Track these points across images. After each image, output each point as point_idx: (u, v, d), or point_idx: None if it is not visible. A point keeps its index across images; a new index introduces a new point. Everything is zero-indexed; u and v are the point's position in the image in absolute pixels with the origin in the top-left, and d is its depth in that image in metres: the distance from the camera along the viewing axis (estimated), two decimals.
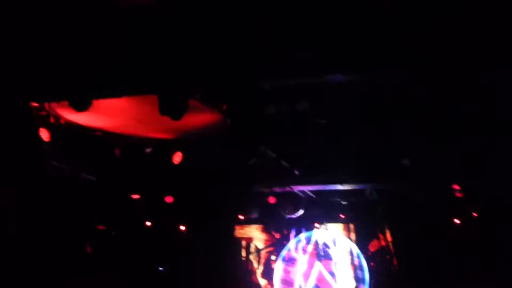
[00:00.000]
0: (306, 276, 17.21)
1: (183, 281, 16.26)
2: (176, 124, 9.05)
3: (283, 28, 8.11)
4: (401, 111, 10.40)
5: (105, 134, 11.31)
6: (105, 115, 10.18)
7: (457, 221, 15.19)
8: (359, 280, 16.32)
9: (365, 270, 16.34)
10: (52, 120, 10.50)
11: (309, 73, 8.57)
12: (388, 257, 16.72)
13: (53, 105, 9.86)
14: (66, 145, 12.14)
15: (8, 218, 11.30)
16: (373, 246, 16.95)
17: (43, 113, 10.28)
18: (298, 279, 17.26)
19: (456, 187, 12.88)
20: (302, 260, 17.30)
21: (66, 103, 8.71)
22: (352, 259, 16.51)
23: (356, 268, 16.45)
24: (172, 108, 8.46)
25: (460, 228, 15.11)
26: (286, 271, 17.53)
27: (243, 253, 18.17)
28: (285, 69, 8.39)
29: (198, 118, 9.88)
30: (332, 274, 16.78)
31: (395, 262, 16.54)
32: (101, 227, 15.22)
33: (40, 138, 10.59)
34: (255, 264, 17.86)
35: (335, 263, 16.71)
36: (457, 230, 15.23)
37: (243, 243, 18.14)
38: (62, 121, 10.64)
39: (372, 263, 16.61)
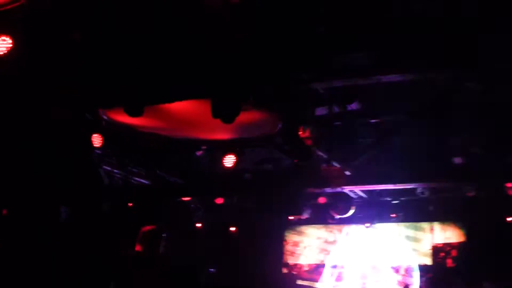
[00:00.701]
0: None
1: (234, 283, 16.33)
2: (229, 127, 9.10)
3: (335, 30, 8.13)
4: (452, 109, 10.37)
5: (158, 137, 11.37)
6: (158, 118, 10.25)
7: (509, 219, 15.08)
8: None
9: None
10: (104, 124, 10.59)
11: (361, 74, 8.57)
12: (443, 254, 16.70)
13: (107, 110, 9.97)
14: (118, 149, 12.31)
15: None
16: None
17: (96, 118, 10.39)
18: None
19: (510, 185, 12.75)
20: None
21: (120, 108, 8.81)
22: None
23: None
24: (224, 111, 8.50)
25: None
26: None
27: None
28: (338, 71, 8.40)
29: (251, 120, 9.90)
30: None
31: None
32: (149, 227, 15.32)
33: (92, 144, 10.73)
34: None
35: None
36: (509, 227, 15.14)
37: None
38: (114, 125, 10.74)
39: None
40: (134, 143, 11.78)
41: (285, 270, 18.30)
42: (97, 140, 10.75)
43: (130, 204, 14.20)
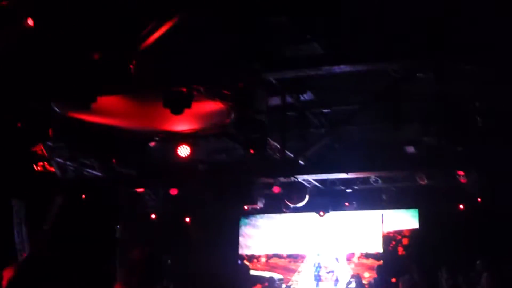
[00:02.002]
0: None
1: (188, 273, 16.31)
2: (183, 117, 9.07)
3: (285, 21, 8.15)
4: (404, 99, 10.45)
5: (110, 128, 11.30)
6: (109, 110, 10.18)
7: (461, 206, 15.26)
8: None
9: None
10: (56, 117, 10.48)
11: (312, 65, 8.60)
12: (394, 243, 16.88)
13: (58, 103, 9.86)
14: (71, 142, 12.21)
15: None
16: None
17: (48, 111, 10.27)
18: None
19: (461, 173, 12.90)
20: None
21: (70, 101, 8.73)
22: None
23: None
24: (174, 102, 8.48)
25: (465, 213, 15.19)
26: None
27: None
28: (291, 62, 8.42)
29: (204, 111, 9.89)
30: None
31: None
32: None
33: (45, 136, 10.61)
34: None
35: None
36: (461, 215, 15.31)
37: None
38: (66, 118, 10.64)
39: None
40: (86, 135, 11.68)
41: (240, 260, 18.36)
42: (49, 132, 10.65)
43: (84, 196, 14.08)
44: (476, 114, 11.05)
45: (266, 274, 18.20)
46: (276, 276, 18.09)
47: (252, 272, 18.29)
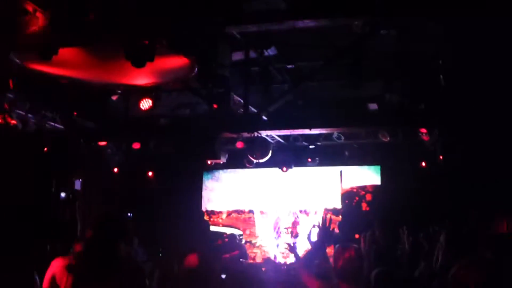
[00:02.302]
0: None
1: (150, 228, 16.30)
2: (145, 71, 8.99)
3: None
4: (368, 56, 10.45)
5: (71, 81, 11.16)
6: (71, 62, 10.05)
7: (423, 164, 15.40)
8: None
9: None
10: (17, 69, 10.33)
11: (276, 19, 8.56)
12: (357, 198, 17.00)
13: (19, 54, 9.71)
14: (32, 94, 12.06)
15: None
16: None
17: (8, 62, 10.12)
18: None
19: (423, 130, 12.98)
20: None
21: (32, 52, 8.61)
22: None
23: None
24: (136, 55, 8.39)
25: (427, 170, 15.34)
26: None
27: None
28: (254, 16, 8.37)
29: (166, 65, 9.80)
30: None
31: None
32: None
33: (4, 87, 10.49)
34: None
35: None
36: (423, 172, 15.45)
37: None
38: (27, 69, 10.49)
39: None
40: (48, 88, 11.54)
41: (202, 216, 18.43)
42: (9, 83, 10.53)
43: (45, 149, 13.96)
44: (439, 72, 11.09)
45: (227, 230, 18.29)
46: (237, 232, 18.18)
47: (213, 228, 18.36)
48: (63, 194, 15.35)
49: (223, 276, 6.89)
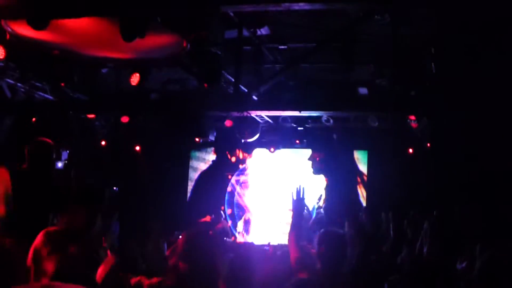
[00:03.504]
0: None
1: (137, 202, 16.27)
2: (137, 45, 8.97)
3: None
4: (360, 40, 10.46)
5: (63, 52, 11.11)
6: (64, 33, 10.01)
7: (411, 150, 15.42)
8: None
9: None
10: (8, 37, 10.27)
11: (274, 0, 8.53)
12: None
13: (10, 22, 9.65)
14: (22, 63, 12.01)
15: None
16: None
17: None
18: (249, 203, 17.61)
19: (412, 117, 13.02)
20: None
21: (24, 20, 8.57)
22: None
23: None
24: (127, 29, 8.36)
25: (414, 158, 15.37)
26: (240, 195, 17.80)
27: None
28: None
29: (158, 40, 9.77)
30: None
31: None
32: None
33: None
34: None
35: None
36: (410, 159, 15.48)
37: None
38: (19, 37, 10.43)
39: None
40: (38, 57, 11.49)
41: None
42: (0, 51, 10.49)
43: (34, 119, 13.93)
44: (430, 60, 11.11)
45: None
46: None
47: None
48: (59, 164, 15.32)
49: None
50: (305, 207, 15.59)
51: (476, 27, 9.62)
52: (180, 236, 5.55)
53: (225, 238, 15.17)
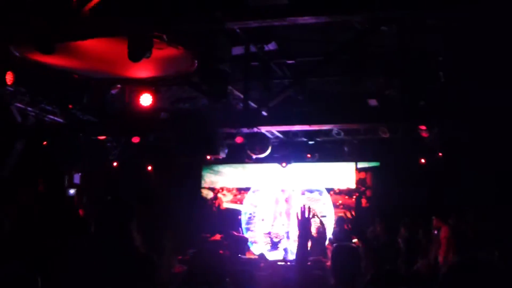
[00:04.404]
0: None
1: (149, 222, 16.22)
2: (146, 65, 9.00)
3: None
4: (368, 52, 10.46)
5: (72, 74, 11.16)
6: (71, 55, 10.05)
7: (423, 160, 15.39)
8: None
9: None
10: (16, 61, 10.33)
11: (276, 15, 8.54)
12: (357, 194, 17.04)
13: (18, 47, 9.70)
14: (32, 87, 12.07)
15: None
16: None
17: (8, 54, 10.11)
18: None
19: (423, 127, 12.98)
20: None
21: (31, 45, 8.61)
22: None
23: None
24: (133, 49, 8.38)
25: (427, 167, 15.33)
26: None
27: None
28: (255, 12, 8.36)
29: (167, 58, 9.80)
30: None
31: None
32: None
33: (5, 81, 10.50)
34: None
35: None
36: (423, 168, 15.45)
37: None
38: (27, 61, 10.48)
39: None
40: (47, 81, 11.54)
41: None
42: (8, 77, 10.53)
43: (45, 143, 13.97)
44: (439, 69, 11.09)
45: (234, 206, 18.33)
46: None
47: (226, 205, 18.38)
48: (72, 191, 15.39)
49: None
50: (320, 222, 15.59)
51: (484, 33, 9.59)
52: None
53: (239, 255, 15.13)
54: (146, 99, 11.40)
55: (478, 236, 12.43)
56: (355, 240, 13.44)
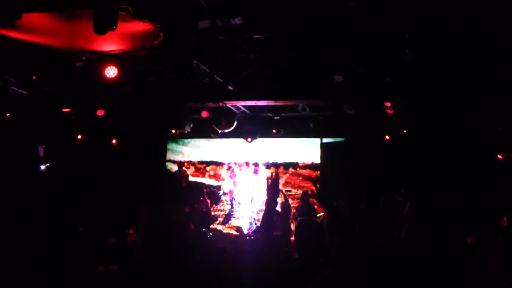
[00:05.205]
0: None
1: (113, 197, 16.17)
2: (111, 38, 8.94)
3: None
4: (334, 28, 10.44)
5: (37, 47, 11.04)
6: (36, 27, 9.95)
7: (387, 137, 15.43)
8: None
9: None
10: None
11: None
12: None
13: None
14: None
15: None
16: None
17: None
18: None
19: (388, 104, 13.03)
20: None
21: None
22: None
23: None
24: (98, 22, 8.31)
25: (391, 144, 15.39)
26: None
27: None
28: None
29: (133, 32, 9.74)
30: None
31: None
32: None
33: None
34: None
35: None
36: (387, 145, 15.51)
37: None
38: None
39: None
40: (12, 52, 11.42)
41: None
42: None
43: (8, 115, 13.84)
44: (405, 45, 11.11)
45: (207, 181, 18.27)
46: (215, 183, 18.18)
47: (195, 179, 18.29)
48: (42, 167, 15.29)
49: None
50: (284, 196, 15.65)
51: (447, 15, 9.62)
52: None
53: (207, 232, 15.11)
54: (111, 72, 11.31)
55: (440, 213, 12.55)
56: (320, 215, 13.63)
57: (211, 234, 14.90)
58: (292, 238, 6.76)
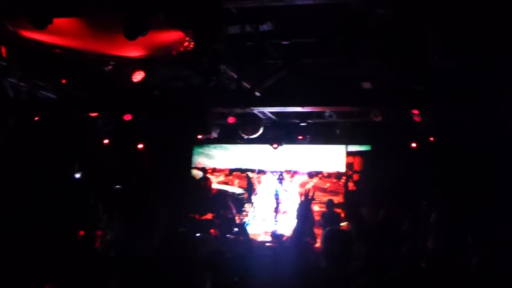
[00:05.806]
0: None
1: (140, 200, 16.21)
2: (140, 43, 8.96)
3: None
4: (363, 35, 10.42)
5: (65, 51, 11.10)
6: (66, 31, 10.00)
7: (414, 144, 15.35)
8: None
9: None
10: (10, 37, 10.27)
11: None
12: (344, 178, 17.01)
13: (12, 22, 9.64)
14: (25, 62, 11.99)
15: None
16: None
17: (1, 29, 10.05)
18: None
19: (415, 111, 12.98)
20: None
21: (26, 20, 8.55)
22: None
23: None
24: (129, 28, 8.34)
25: (417, 152, 15.31)
26: None
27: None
28: None
29: (162, 38, 9.77)
30: None
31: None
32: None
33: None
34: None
35: None
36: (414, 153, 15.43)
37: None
38: (21, 38, 10.41)
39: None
40: (41, 56, 11.49)
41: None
42: (2, 51, 10.49)
43: (37, 118, 13.92)
44: (434, 54, 11.07)
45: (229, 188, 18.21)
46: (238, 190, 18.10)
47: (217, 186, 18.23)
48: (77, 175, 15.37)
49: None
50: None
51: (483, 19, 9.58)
52: None
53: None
54: (138, 77, 11.37)
55: (467, 221, 12.47)
56: (343, 224, 13.59)
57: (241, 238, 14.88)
58: (317, 245, 6.76)
